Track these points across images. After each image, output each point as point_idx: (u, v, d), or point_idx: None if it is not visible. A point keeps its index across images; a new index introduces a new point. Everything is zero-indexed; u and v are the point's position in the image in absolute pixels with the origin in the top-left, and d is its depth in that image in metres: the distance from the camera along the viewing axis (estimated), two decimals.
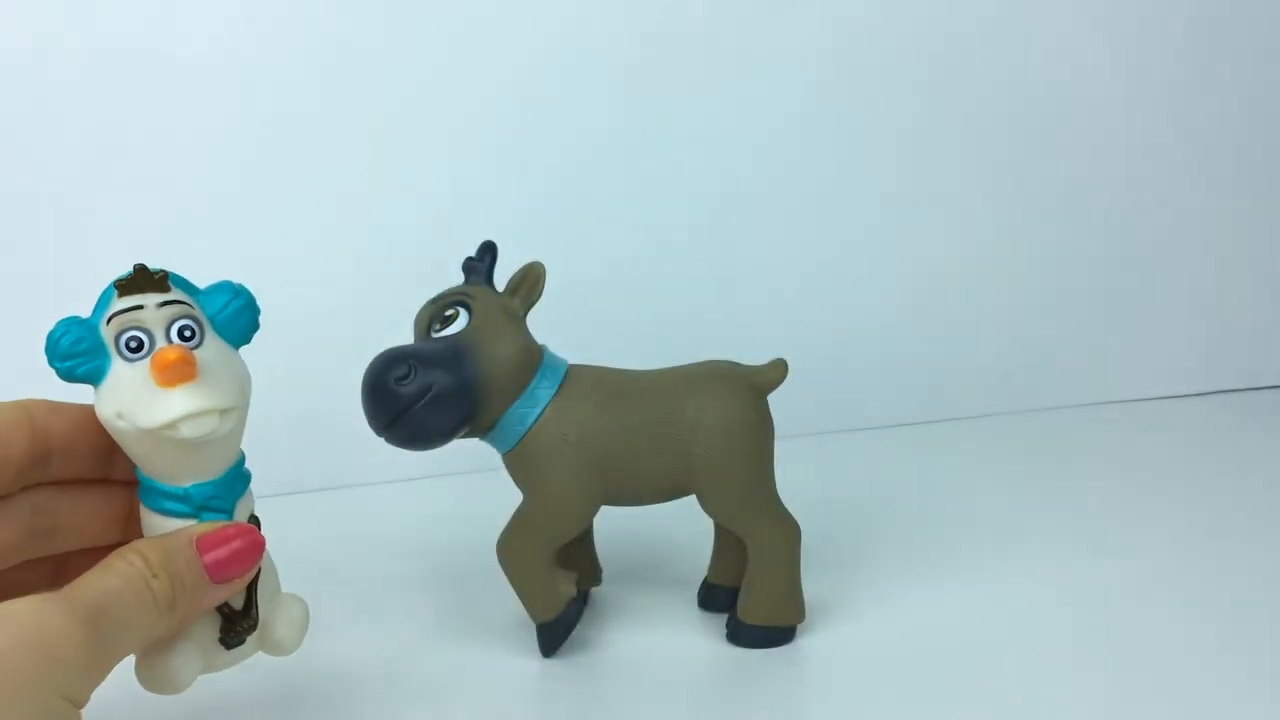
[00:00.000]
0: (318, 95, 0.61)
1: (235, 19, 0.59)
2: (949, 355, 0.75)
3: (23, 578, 0.34)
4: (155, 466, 0.34)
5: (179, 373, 0.32)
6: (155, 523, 0.34)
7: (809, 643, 0.46)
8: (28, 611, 0.27)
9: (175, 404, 0.32)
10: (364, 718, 0.41)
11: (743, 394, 0.44)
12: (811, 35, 0.67)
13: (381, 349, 0.42)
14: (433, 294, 0.44)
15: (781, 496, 0.45)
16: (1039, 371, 0.77)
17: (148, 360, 0.33)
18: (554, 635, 0.44)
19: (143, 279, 0.34)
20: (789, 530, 0.45)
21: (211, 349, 0.34)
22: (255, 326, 0.36)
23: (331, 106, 0.61)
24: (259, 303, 0.37)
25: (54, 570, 0.36)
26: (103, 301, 0.34)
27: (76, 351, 0.33)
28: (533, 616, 0.44)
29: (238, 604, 0.35)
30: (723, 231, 0.69)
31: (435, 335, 0.42)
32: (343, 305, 0.63)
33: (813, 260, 0.71)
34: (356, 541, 0.57)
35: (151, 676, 0.34)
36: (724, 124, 0.67)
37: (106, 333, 0.33)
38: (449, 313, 0.43)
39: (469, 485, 0.60)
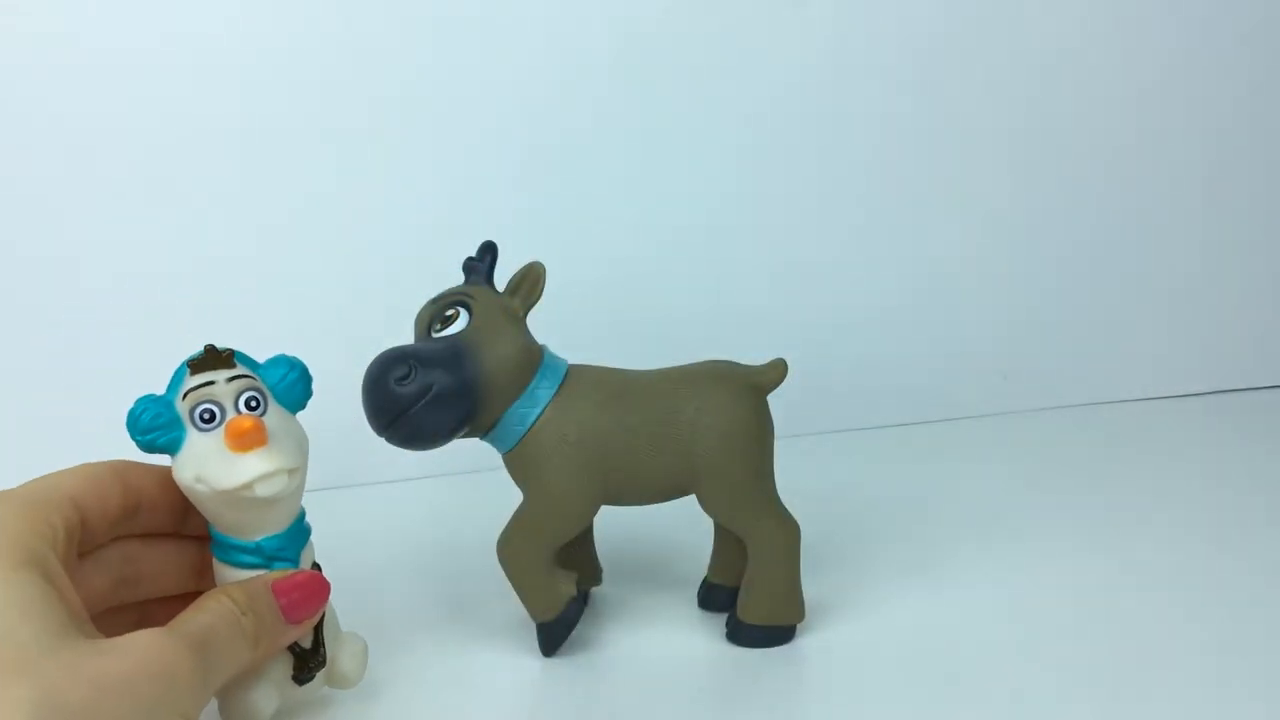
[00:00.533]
0: (317, 95, 0.61)
1: (235, 19, 0.59)
2: (949, 355, 0.75)
3: (110, 623, 0.37)
4: (229, 523, 0.37)
5: (252, 439, 0.36)
6: (229, 575, 0.38)
7: (809, 642, 0.46)
8: (148, 643, 0.31)
9: (250, 467, 0.36)
10: (364, 717, 0.41)
11: (742, 394, 0.44)
12: (811, 35, 0.67)
13: (381, 349, 0.42)
14: (433, 294, 0.44)
15: (781, 496, 0.45)
16: (1039, 371, 0.77)
17: (221, 429, 0.36)
18: (554, 635, 0.44)
19: (213, 358, 0.38)
20: (789, 530, 0.45)
21: (274, 416, 0.38)
22: (309, 394, 0.40)
23: (331, 106, 0.61)
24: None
25: (137, 617, 0.39)
26: (177, 379, 0.38)
27: (156, 425, 0.36)
28: (533, 616, 0.44)
29: (306, 643, 0.39)
30: (723, 231, 0.69)
31: (435, 335, 0.42)
32: (343, 305, 0.63)
33: (812, 260, 0.71)
34: (356, 541, 0.57)
35: (235, 713, 0.37)
36: (724, 124, 0.67)
37: (182, 407, 0.37)
38: (449, 313, 0.43)
39: (469, 485, 0.60)
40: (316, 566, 0.40)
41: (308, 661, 0.39)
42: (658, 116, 0.66)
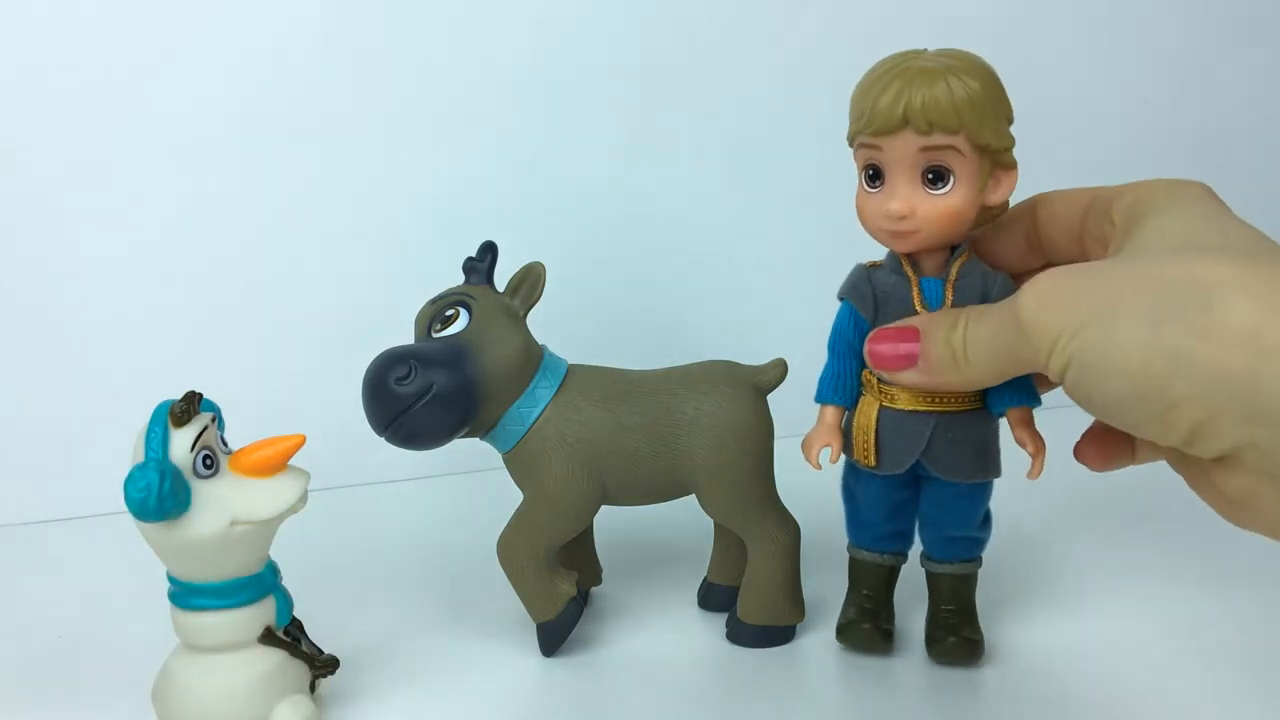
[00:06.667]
0: (318, 95, 0.61)
1: (237, 18, 0.59)
2: None
3: None
4: (241, 561, 0.37)
5: (284, 459, 0.37)
6: (205, 620, 0.37)
7: (809, 642, 0.46)
8: None
9: (293, 483, 0.37)
10: (364, 716, 0.41)
11: (742, 394, 0.44)
12: (811, 35, 0.67)
13: (381, 349, 0.42)
14: (433, 294, 0.44)
15: (781, 496, 0.45)
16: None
17: (224, 470, 0.36)
18: (554, 635, 0.44)
19: (196, 404, 0.36)
20: (789, 530, 0.45)
21: None
22: None
23: (332, 107, 0.61)
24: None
25: None
26: (160, 437, 0.35)
27: (176, 492, 0.35)
28: (533, 616, 0.44)
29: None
30: (723, 231, 0.69)
31: (436, 335, 0.43)
32: (343, 305, 0.63)
33: (812, 260, 0.71)
34: (356, 541, 0.57)
35: None
36: (724, 124, 0.67)
37: (184, 461, 0.35)
38: (449, 313, 0.43)
39: (469, 485, 0.60)
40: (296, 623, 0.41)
41: (317, 669, 0.40)
42: (658, 116, 0.66)
